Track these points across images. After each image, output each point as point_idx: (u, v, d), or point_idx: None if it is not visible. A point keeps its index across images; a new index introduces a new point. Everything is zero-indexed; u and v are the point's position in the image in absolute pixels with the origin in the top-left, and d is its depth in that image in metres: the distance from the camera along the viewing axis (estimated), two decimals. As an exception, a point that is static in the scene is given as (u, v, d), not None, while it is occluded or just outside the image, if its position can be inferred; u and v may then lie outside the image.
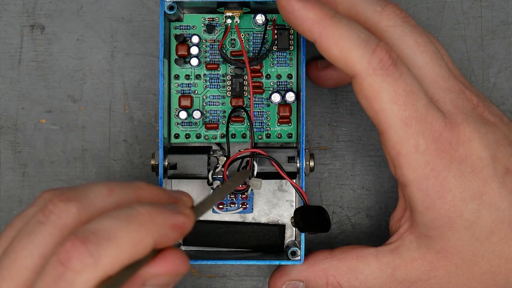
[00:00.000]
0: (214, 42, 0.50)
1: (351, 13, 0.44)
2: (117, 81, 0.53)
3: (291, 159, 0.49)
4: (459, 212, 0.42)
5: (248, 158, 0.48)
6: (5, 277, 0.36)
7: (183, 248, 0.51)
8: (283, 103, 0.50)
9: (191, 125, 0.50)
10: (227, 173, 0.48)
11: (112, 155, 0.53)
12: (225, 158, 0.49)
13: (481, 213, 0.42)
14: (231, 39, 0.50)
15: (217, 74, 0.51)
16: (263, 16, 0.49)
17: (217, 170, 0.49)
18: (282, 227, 0.51)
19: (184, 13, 0.50)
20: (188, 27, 0.50)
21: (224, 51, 0.50)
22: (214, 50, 0.50)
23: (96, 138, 0.53)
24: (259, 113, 0.51)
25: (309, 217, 0.47)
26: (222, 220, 0.51)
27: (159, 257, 0.38)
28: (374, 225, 0.53)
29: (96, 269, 0.35)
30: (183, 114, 0.50)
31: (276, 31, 0.50)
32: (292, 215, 0.47)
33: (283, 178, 0.48)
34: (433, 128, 0.42)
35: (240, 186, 0.49)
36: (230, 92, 0.50)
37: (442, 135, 0.42)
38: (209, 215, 0.52)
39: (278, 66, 0.51)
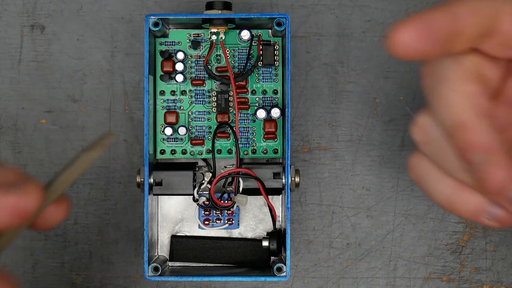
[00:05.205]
0: (199, 58, 0.50)
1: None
2: (117, 81, 0.53)
3: (276, 175, 0.49)
4: None
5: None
6: None
7: (169, 264, 0.51)
8: (269, 119, 0.50)
9: (176, 141, 0.50)
10: (213, 191, 0.48)
11: (112, 155, 0.53)
12: (211, 174, 0.49)
13: None
14: (217, 55, 0.50)
15: (203, 90, 0.51)
16: (248, 32, 0.49)
17: (203, 186, 0.49)
18: (268, 243, 0.51)
19: (169, 28, 0.50)
20: (173, 43, 0.50)
21: (210, 67, 0.50)
22: (200, 66, 0.50)
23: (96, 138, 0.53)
24: (245, 129, 0.51)
25: (279, 240, 0.49)
26: (208, 235, 0.51)
27: None
28: (374, 225, 0.53)
29: None
30: (168, 130, 0.50)
31: (261, 47, 0.50)
32: (267, 238, 0.49)
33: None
34: None
35: (226, 202, 0.49)
36: (215, 108, 0.50)
37: None
38: (195, 231, 0.52)
39: (263, 81, 0.50)
